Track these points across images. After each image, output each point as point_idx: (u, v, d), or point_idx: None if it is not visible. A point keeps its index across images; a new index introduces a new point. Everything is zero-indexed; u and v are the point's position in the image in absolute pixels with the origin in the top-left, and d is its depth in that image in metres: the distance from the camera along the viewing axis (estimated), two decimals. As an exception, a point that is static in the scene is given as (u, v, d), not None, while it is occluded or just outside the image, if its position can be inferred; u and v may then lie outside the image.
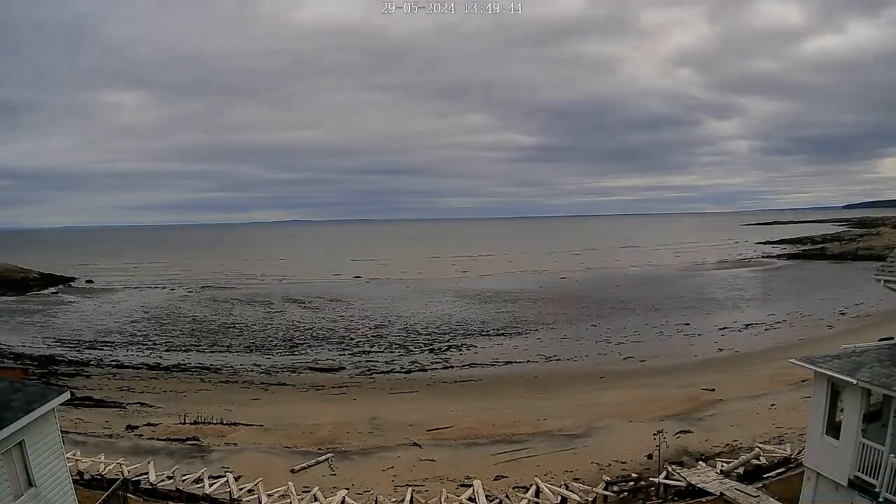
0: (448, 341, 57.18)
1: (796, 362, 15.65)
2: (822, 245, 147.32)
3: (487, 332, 61.45)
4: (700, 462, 22.80)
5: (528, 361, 48.93)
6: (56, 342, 58.60)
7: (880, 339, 18.66)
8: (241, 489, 22.11)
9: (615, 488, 21.32)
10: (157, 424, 32.17)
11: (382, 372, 46.84)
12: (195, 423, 32.15)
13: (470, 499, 21.20)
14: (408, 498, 21.58)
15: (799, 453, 20.73)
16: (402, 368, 47.75)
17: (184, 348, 56.32)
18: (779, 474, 20.26)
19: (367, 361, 50.18)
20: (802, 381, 29.60)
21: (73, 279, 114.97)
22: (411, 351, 53.74)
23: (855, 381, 13.43)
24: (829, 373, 14.29)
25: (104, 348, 56.09)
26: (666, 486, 20.83)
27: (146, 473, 22.74)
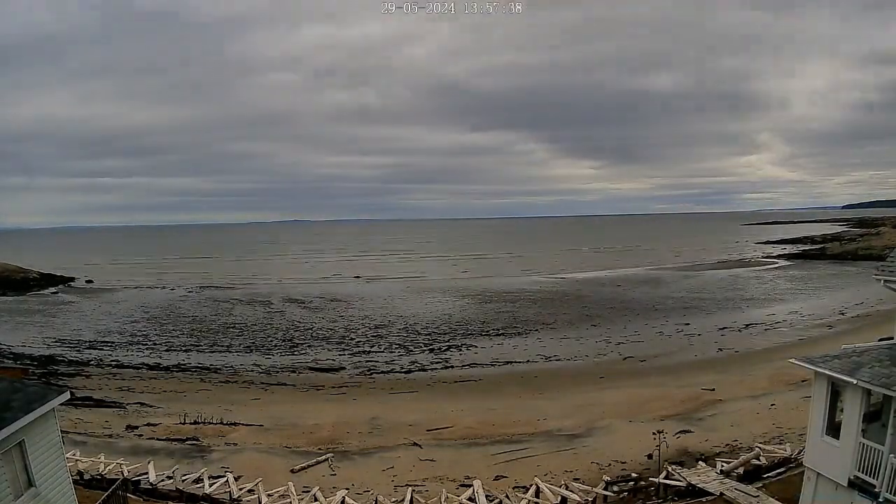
0: (448, 341, 57.15)
1: (796, 362, 15.66)
2: (822, 245, 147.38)
3: (487, 332, 61.43)
4: (700, 462, 22.79)
5: (528, 361, 48.90)
6: (56, 342, 58.58)
7: (880, 339, 18.69)
8: (241, 489, 22.12)
9: (615, 488, 21.33)
10: (157, 424, 32.18)
11: (382, 372, 46.83)
12: (195, 423, 32.15)
13: (470, 499, 21.21)
14: (408, 498, 21.59)
15: (799, 453, 20.73)
16: (402, 368, 47.72)
17: (184, 348, 56.30)
18: (779, 474, 20.26)
19: (367, 361, 50.15)
20: (802, 381, 29.63)
21: (72, 279, 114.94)
22: (411, 351, 53.72)
23: (855, 381, 13.43)
24: (829, 373, 14.29)
25: (104, 348, 56.07)
26: (666, 486, 20.83)
27: (146, 473, 22.75)
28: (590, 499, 20.73)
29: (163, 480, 22.38)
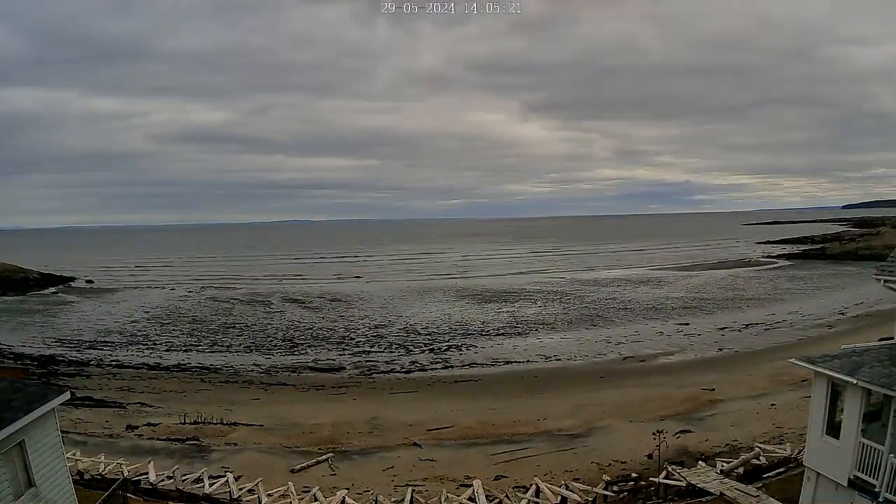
0: (448, 341, 57.16)
1: (796, 362, 15.66)
2: (822, 245, 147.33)
3: (487, 332, 61.45)
4: (700, 462, 22.78)
5: (527, 361, 48.92)
6: (56, 342, 58.60)
7: (880, 339, 18.70)
8: (241, 489, 22.10)
9: (615, 488, 21.34)
10: (157, 424, 32.17)
11: (382, 372, 46.83)
12: (195, 423, 32.16)
13: (470, 499, 21.20)
14: (408, 498, 21.58)
15: (799, 453, 20.72)
16: (402, 368, 47.73)
17: (184, 348, 56.33)
18: (779, 474, 20.25)
19: (367, 361, 50.16)
20: (802, 381, 29.61)
21: (72, 279, 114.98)
22: (411, 351, 53.73)
23: (855, 381, 13.43)
24: (829, 373, 14.28)
25: (104, 348, 56.08)
26: (666, 485, 20.82)
27: (146, 473, 22.73)
28: (590, 499, 20.73)
29: (163, 480, 22.36)
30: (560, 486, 21.63)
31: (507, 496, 21.58)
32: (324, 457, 26.89)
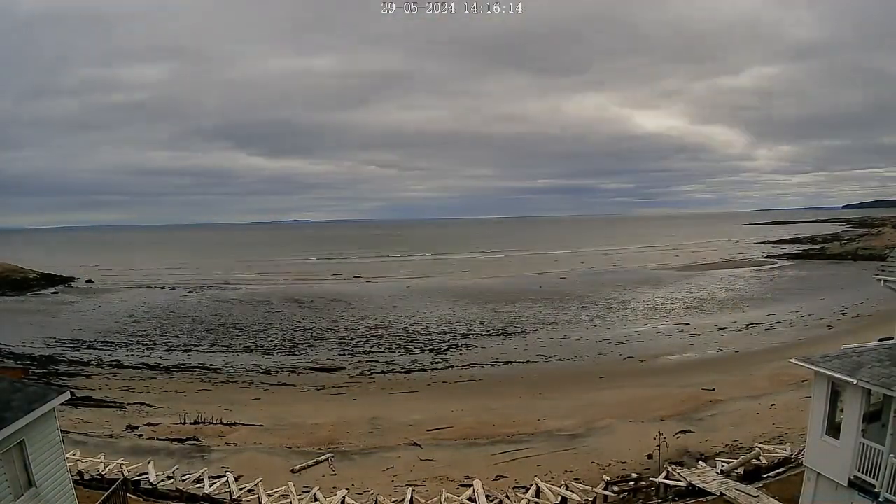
0: (448, 341, 57.14)
1: (796, 362, 15.66)
2: (822, 245, 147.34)
3: (487, 332, 61.41)
4: (700, 462, 22.82)
5: (528, 361, 48.89)
6: (56, 342, 58.55)
7: (880, 339, 18.68)
8: (241, 489, 22.13)
9: (615, 488, 21.34)
10: (157, 424, 32.18)
11: (382, 372, 46.81)
12: (195, 423, 32.17)
13: (470, 499, 21.22)
14: (408, 498, 21.60)
15: (799, 453, 20.74)
16: (402, 368, 47.70)
17: (184, 348, 56.29)
18: (779, 474, 20.28)
19: (367, 361, 50.14)
20: (802, 381, 29.64)
21: (72, 279, 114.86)
22: (411, 351, 53.70)
23: (855, 381, 13.43)
24: (829, 373, 14.29)
25: (104, 348, 56.05)
26: (666, 486, 20.85)
27: (146, 473, 22.76)
28: (590, 499, 20.74)
29: (163, 480, 22.39)
30: (560, 486, 21.66)
31: (507, 496, 21.59)
32: (324, 457, 26.91)
